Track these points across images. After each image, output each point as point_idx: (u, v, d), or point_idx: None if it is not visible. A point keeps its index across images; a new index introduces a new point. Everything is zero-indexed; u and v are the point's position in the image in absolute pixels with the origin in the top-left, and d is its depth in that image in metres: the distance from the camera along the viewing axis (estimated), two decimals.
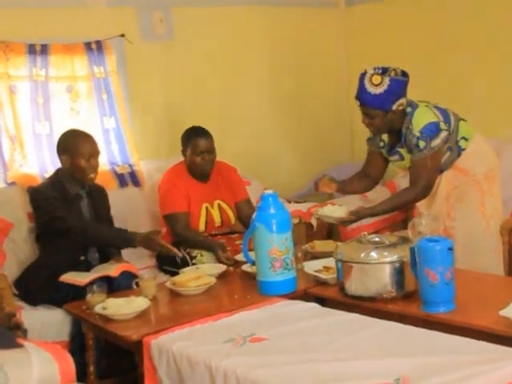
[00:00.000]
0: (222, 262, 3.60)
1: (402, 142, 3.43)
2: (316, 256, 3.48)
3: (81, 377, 2.69)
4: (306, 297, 3.02)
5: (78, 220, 3.51)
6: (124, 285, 3.29)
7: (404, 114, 3.37)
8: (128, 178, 4.46)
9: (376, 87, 3.28)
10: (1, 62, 4.10)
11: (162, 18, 4.78)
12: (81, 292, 3.15)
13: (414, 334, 2.39)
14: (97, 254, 3.63)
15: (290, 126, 5.45)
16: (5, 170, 4.11)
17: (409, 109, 3.37)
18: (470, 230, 3.45)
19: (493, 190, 3.50)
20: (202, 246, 3.75)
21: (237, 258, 3.58)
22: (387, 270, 2.80)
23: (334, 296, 2.98)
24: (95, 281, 3.23)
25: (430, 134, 3.31)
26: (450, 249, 2.59)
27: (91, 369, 3.12)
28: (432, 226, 3.10)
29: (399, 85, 3.31)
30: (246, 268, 3.35)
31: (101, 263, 3.58)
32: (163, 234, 3.81)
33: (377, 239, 2.92)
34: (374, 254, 2.83)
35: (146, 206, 4.38)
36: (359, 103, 3.38)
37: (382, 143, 3.57)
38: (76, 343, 3.30)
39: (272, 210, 3.03)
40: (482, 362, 2.06)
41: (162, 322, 2.86)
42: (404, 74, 3.35)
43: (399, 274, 2.80)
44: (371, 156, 3.68)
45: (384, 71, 3.33)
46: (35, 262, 3.62)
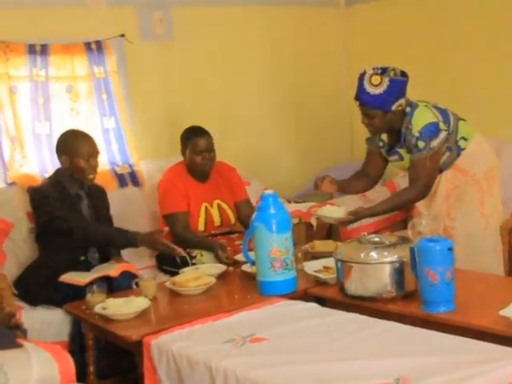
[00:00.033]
0: (222, 261, 3.60)
1: (401, 142, 3.43)
2: (316, 256, 3.48)
3: (80, 377, 2.70)
4: (305, 297, 3.02)
5: (79, 220, 3.51)
6: (124, 285, 3.29)
7: (403, 114, 3.37)
8: (128, 178, 4.45)
9: (375, 87, 3.28)
10: (1, 63, 4.09)
11: (162, 18, 4.78)
12: (80, 292, 3.15)
13: (414, 334, 2.39)
14: (97, 254, 3.62)
15: (289, 126, 5.45)
16: (5, 170, 4.11)
17: (408, 109, 3.37)
18: (470, 230, 3.45)
19: (492, 190, 3.50)
20: (201, 246, 3.74)
21: (236, 258, 3.58)
22: (387, 270, 2.80)
23: (333, 296, 2.98)
24: (95, 281, 3.23)
25: (430, 134, 3.31)
26: (450, 249, 2.59)
27: (91, 369, 3.12)
28: (432, 226, 3.09)
29: (398, 85, 3.31)
30: (246, 268, 3.35)
31: (101, 263, 3.57)
32: (165, 234, 3.80)
33: (377, 239, 2.92)
34: (373, 254, 2.83)
35: (146, 206, 4.38)
36: (358, 103, 3.39)
37: (381, 143, 3.57)
38: (76, 343, 3.30)
39: (272, 210, 3.03)
40: (481, 362, 2.06)
41: (162, 322, 2.86)
42: (403, 74, 3.35)
43: (399, 274, 2.80)
44: (370, 156, 3.68)
45: (383, 71, 3.33)
46: (35, 262, 3.62)
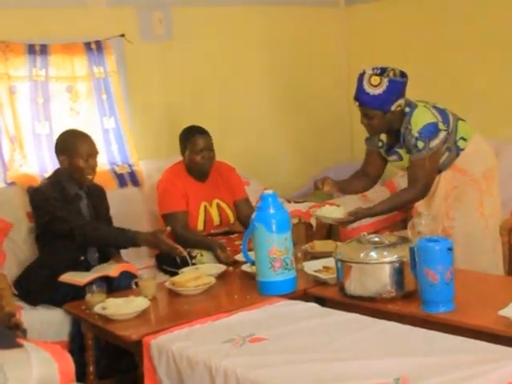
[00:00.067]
0: (222, 261, 3.60)
1: (400, 143, 3.43)
2: (316, 256, 3.48)
3: (80, 377, 2.70)
4: (305, 297, 3.02)
5: (79, 220, 3.51)
6: (123, 285, 3.29)
7: (403, 114, 3.37)
8: (128, 178, 4.46)
9: (375, 88, 3.28)
10: (0, 63, 4.09)
11: (162, 18, 4.78)
12: (80, 292, 3.15)
13: (414, 334, 2.39)
14: (96, 254, 3.62)
15: (289, 126, 5.45)
16: (4, 170, 4.11)
17: (407, 109, 3.37)
18: (469, 230, 3.45)
19: (491, 190, 3.50)
20: (200, 246, 3.74)
21: (236, 258, 3.58)
22: (387, 270, 2.80)
23: (333, 296, 2.98)
24: (95, 281, 3.23)
25: (429, 134, 3.31)
26: (450, 249, 2.59)
27: (91, 369, 3.12)
28: (431, 226, 3.09)
29: (398, 86, 3.31)
30: (246, 268, 3.35)
31: (100, 263, 3.57)
32: (168, 233, 3.80)
33: (376, 239, 2.91)
34: (373, 254, 2.83)
35: (146, 206, 4.38)
36: (358, 104, 3.38)
37: (380, 143, 3.57)
38: (75, 343, 3.30)
39: (271, 210, 3.02)
40: (481, 362, 2.06)
41: (162, 322, 2.86)
42: (403, 74, 3.35)
43: (399, 273, 2.80)
44: (370, 155, 3.68)
45: (383, 71, 3.32)
46: (35, 262, 3.62)
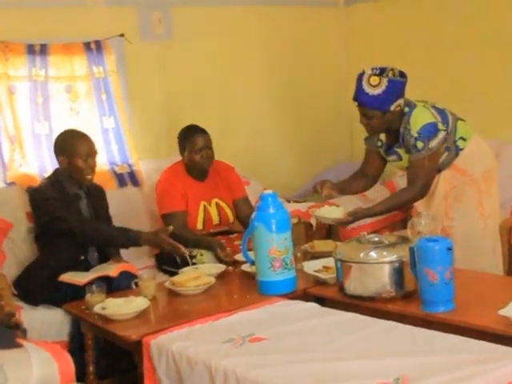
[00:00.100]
0: (221, 260, 3.60)
1: (399, 142, 3.43)
2: (315, 256, 3.48)
3: (80, 377, 2.69)
4: (305, 297, 3.02)
5: (79, 220, 3.50)
6: (123, 285, 3.29)
7: (402, 114, 3.37)
8: (127, 178, 4.45)
9: (374, 88, 3.28)
10: (0, 63, 4.09)
11: (161, 18, 4.78)
12: (80, 292, 3.15)
13: (414, 334, 2.39)
14: (96, 254, 3.62)
15: (289, 126, 5.45)
16: (4, 170, 4.11)
17: (406, 109, 3.37)
18: (468, 230, 3.45)
19: (491, 191, 3.50)
20: (200, 245, 3.73)
21: (236, 257, 3.58)
22: (386, 270, 2.80)
23: (333, 296, 2.98)
24: (94, 281, 3.23)
25: (428, 134, 3.31)
26: (450, 248, 2.59)
27: (90, 369, 3.12)
28: (431, 226, 3.09)
29: (397, 86, 3.31)
30: (246, 268, 3.35)
31: (100, 263, 3.57)
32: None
33: (376, 239, 2.91)
34: (373, 254, 2.83)
35: (146, 206, 4.38)
36: (357, 104, 3.38)
37: (379, 143, 3.57)
38: (75, 343, 3.30)
39: (271, 210, 3.02)
40: (481, 362, 2.06)
41: (162, 321, 2.86)
42: (402, 74, 3.34)
43: (398, 273, 2.80)
44: (369, 155, 3.68)
45: (382, 72, 3.32)
46: (34, 261, 3.62)
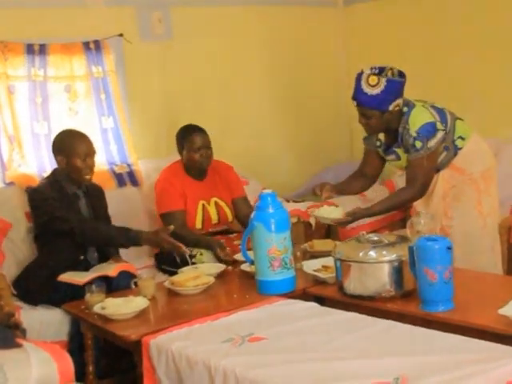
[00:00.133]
0: (221, 259, 3.60)
1: (398, 142, 3.42)
2: (315, 255, 3.48)
3: (80, 377, 2.70)
4: (304, 296, 3.01)
5: (79, 220, 3.50)
6: (123, 284, 3.29)
7: (401, 113, 3.36)
8: (126, 178, 4.45)
9: (372, 88, 3.28)
10: None
11: (161, 18, 4.78)
12: (79, 292, 3.15)
13: (413, 333, 2.39)
14: (96, 254, 3.62)
15: (288, 126, 5.45)
16: (3, 169, 4.10)
17: (405, 109, 3.37)
18: (467, 229, 3.45)
19: (490, 190, 3.50)
20: (199, 245, 3.73)
21: (235, 257, 3.58)
22: (386, 269, 2.80)
23: (332, 295, 2.98)
24: (94, 280, 3.23)
25: (427, 134, 3.30)
26: (449, 248, 2.59)
27: (90, 369, 3.12)
28: (430, 225, 3.09)
29: (396, 86, 3.31)
30: (245, 267, 3.35)
31: (100, 263, 3.57)
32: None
33: (375, 238, 2.91)
34: (372, 253, 2.83)
35: (145, 206, 4.38)
36: (356, 103, 3.38)
37: (378, 142, 3.57)
38: (75, 343, 3.30)
39: (271, 210, 3.02)
40: (481, 361, 2.06)
41: (161, 321, 2.86)
42: (401, 74, 3.34)
43: (398, 273, 2.80)
44: (368, 155, 3.67)
45: (381, 71, 3.32)
46: (34, 261, 3.62)
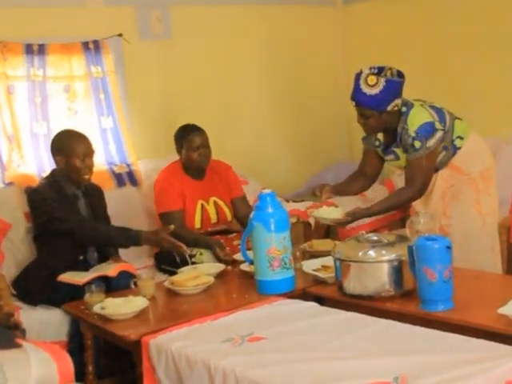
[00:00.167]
0: (221, 259, 3.60)
1: (397, 142, 3.42)
2: (314, 255, 3.48)
3: (79, 377, 2.70)
4: (304, 296, 3.01)
5: (78, 220, 3.50)
6: (122, 284, 3.29)
7: (399, 113, 3.36)
8: (126, 178, 4.45)
9: (371, 88, 3.27)
10: None
11: (160, 17, 4.78)
12: (79, 292, 3.15)
13: (413, 333, 2.39)
14: (95, 254, 3.62)
15: (288, 125, 5.45)
16: (2, 170, 4.11)
17: (404, 108, 3.36)
18: (466, 228, 3.45)
19: (489, 190, 3.49)
20: (199, 244, 3.73)
21: (235, 257, 3.58)
22: (385, 269, 2.80)
23: (332, 295, 2.98)
24: (93, 280, 3.22)
25: (426, 134, 3.30)
26: (448, 247, 2.59)
27: (90, 369, 3.12)
28: (429, 225, 3.09)
29: (394, 86, 3.30)
30: (245, 267, 3.35)
31: (99, 263, 3.57)
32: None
33: (375, 238, 2.91)
34: (372, 253, 2.83)
35: (144, 206, 4.38)
36: (354, 103, 3.38)
37: (377, 142, 3.57)
38: (74, 343, 3.30)
39: (270, 209, 3.02)
40: (480, 360, 2.06)
41: (161, 321, 2.86)
42: (400, 74, 3.34)
43: (397, 272, 2.80)
44: (367, 155, 3.67)
45: (380, 71, 3.32)
46: (33, 262, 3.62)
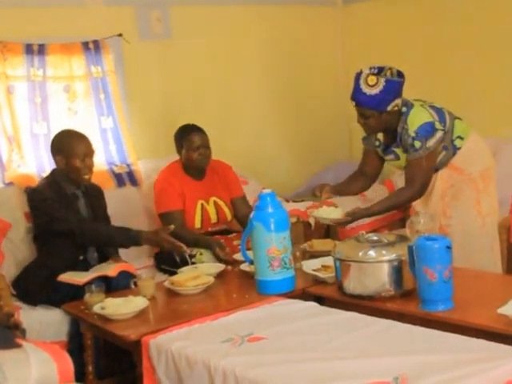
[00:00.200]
0: (221, 259, 3.60)
1: (397, 142, 3.42)
2: (314, 255, 3.48)
3: (79, 377, 2.69)
4: (304, 296, 3.01)
5: (79, 221, 3.50)
6: (122, 284, 3.29)
7: (399, 113, 3.36)
8: (126, 178, 4.45)
9: (371, 88, 3.27)
10: None
11: (160, 17, 4.78)
12: (79, 292, 3.15)
13: (413, 333, 2.39)
14: (96, 254, 3.62)
15: (288, 125, 5.45)
16: (2, 170, 4.11)
17: (404, 108, 3.36)
18: (466, 228, 3.45)
19: (489, 190, 3.49)
20: (199, 244, 3.73)
21: (235, 257, 3.58)
22: (385, 269, 2.80)
23: (332, 295, 2.98)
24: (93, 280, 3.22)
25: (426, 134, 3.30)
26: (448, 247, 2.59)
27: (90, 369, 3.12)
28: (429, 225, 3.09)
29: (394, 86, 3.30)
30: (245, 267, 3.35)
31: (99, 263, 3.57)
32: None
33: (375, 238, 2.91)
34: (372, 253, 2.83)
35: (144, 206, 4.38)
36: (354, 103, 3.38)
37: (377, 142, 3.57)
38: (74, 343, 3.30)
39: (270, 209, 3.02)
40: (480, 361, 2.06)
41: (161, 321, 2.86)
42: (400, 74, 3.34)
43: (397, 272, 2.80)
44: (367, 155, 3.67)
45: (380, 71, 3.31)
46: (33, 262, 3.62)
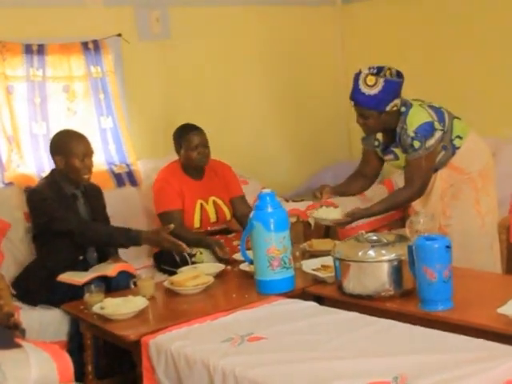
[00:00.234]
0: (220, 258, 3.60)
1: (396, 142, 3.43)
2: (314, 255, 3.48)
3: (79, 377, 2.70)
4: (304, 295, 3.02)
5: (78, 221, 3.49)
6: (122, 284, 3.29)
7: (398, 113, 3.36)
8: (125, 178, 4.45)
9: (370, 88, 3.27)
10: None
11: (159, 18, 4.77)
12: (79, 292, 3.15)
13: (412, 333, 2.39)
14: (95, 254, 3.62)
15: (287, 125, 5.45)
16: (2, 170, 4.10)
17: (403, 108, 3.37)
18: (466, 228, 3.45)
19: (488, 189, 3.50)
20: (198, 244, 3.73)
21: (235, 257, 3.58)
22: (385, 269, 2.80)
23: (332, 294, 2.98)
24: (93, 280, 3.23)
25: (425, 133, 3.30)
26: (448, 247, 2.59)
27: (89, 369, 3.12)
28: (429, 225, 3.09)
29: (394, 86, 3.30)
30: (244, 267, 3.35)
31: (99, 263, 3.57)
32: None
33: (374, 237, 2.91)
34: (371, 253, 2.83)
35: (144, 206, 4.38)
36: (353, 103, 3.38)
37: (376, 142, 3.57)
38: (74, 343, 3.30)
39: (269, 209, 3.02)
40: (480, 360, 2.06)
41: (160, 321, 2.86)
42: (399, 74, 3.34)
43: (397, 272, 2.80)
44: (366, 155, 3.68)
45: (379, 71, 3.32)
46: (33, 262, 3.62)
